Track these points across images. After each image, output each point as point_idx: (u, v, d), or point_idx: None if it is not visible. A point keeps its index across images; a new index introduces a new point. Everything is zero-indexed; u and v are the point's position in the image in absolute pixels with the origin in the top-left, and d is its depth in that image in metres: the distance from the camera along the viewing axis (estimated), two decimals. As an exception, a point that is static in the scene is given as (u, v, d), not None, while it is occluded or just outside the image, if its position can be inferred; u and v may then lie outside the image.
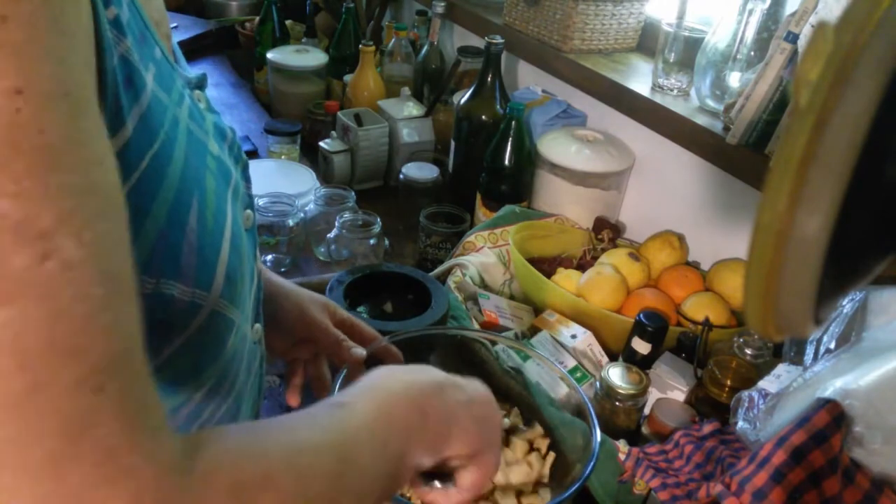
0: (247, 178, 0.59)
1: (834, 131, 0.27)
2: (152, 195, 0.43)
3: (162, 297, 0.44)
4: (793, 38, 0.91)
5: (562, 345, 0.94)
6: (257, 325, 0.69)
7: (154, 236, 0.43)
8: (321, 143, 1.39)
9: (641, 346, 0.91)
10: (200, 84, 0.55)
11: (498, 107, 1.25)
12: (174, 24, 1.90)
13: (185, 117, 0.48)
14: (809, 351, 0.79)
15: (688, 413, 0.84)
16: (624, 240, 1.19)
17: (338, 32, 1.65)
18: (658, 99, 1.13)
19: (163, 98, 0.45)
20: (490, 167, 1.20)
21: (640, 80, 1.19)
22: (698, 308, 0.98)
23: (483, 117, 1.25)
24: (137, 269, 0.34)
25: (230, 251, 0.49)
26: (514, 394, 0.80)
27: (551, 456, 0.72)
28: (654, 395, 0.88)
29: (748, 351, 0.88)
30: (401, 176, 1.30)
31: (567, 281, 1.05)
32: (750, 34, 1.02)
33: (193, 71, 0.56)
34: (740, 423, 0.74)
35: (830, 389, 0.65)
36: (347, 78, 1.56)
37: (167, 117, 0.45)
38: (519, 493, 0.69)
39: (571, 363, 0.91)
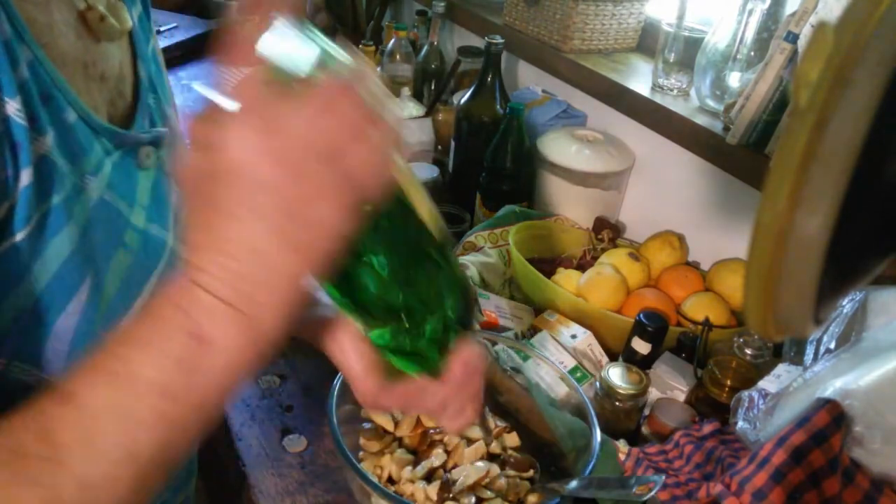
0: None
1: (834, 131, 0.27)
2: (16, 273, 0.41)
3: (8, 381, 0.41)
4: (793, 38, 0.91)
5: (562, 345, 0.94)
6: None
7: (9, 319, 0.40)
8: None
9: (641, 346, 0.91)
10: (155, 142, 0.51)
11: (498, 107, 1.25)
12: (174, 25, 1.90)
13: (100, 184, 0.45)
14: (809, 351, 0.79)
15: (688, 413, 0.84)
16: (624, 240, 1.19)
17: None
18: (658, 99, 1.12)
19: (63, 167, 0.42)
20: (490, 167, 1.20)
21: (640, 80, 1.19)
22: (698, 308, 0.98)
23: (483, 117, 1.25)
24: None
25: None
26: (514, 394, 0.80)
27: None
28: (654, 395, 0.88)
29: (748, 351, 0.88)
30: (401, 176, 1.29)
31: (567, 281, 1.05)
32: (750, 34, 1.02)
33: (151, 129, 0.51)
34: (740, 423, 0.74)
35: (830, 389, 0.65)
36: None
37: (64, 189, 0.42)
38: (518, 493, 0.70)
39: (571, 363, 0.91)
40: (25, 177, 0.39)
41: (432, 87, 1.55)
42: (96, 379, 0.33)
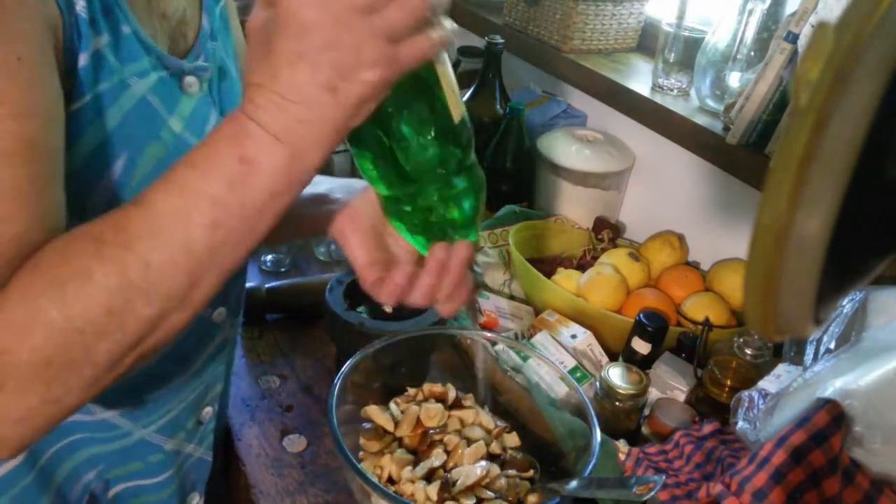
0: None
1: (834, 131, 0.27)
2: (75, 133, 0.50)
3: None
4: (793, 38, 0.91)
5: (562, 345, 0.94)
6: (221, 309, 0.70)
7: (70, 169, 0.49)
8: (321, 143, 1.39)
9: (641, 346, 0.91)
10: (195, 72, 0.60)
11: (498, 107, 1.25)
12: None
13: (143, 87, 0.54)
14: (809, 351, 0.79)
15: (688, 413, 0.84)
16: (624, 240, 1.19)
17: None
18: (658, 99, 1.12)
19: (112, 63, 0.52)
20: (490, 167, 1.20)
21: (640, 80, 1.19)
22: (698, 308, 0.98)
23: (483, 117, 1.25)
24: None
25: None
26: (514, 394, 0.80)
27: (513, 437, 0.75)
28: (654, 395, 0.88)
29: (748, 351, 0.88)
30: (401, 176, 1.29)
31: (567, 281, 1.05)
32: (750, 34, 1.02)
33: (201, 62, 0.61)
34: (740, 423, 0.74)
35: (830, 389, 0.65)
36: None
37: (112, 80, 0.52)
38: (518, 493, 0.70)
39: (571, 363, 0.91)
40: (83, 59, 0.49)
41: (432, 87, 1.55)
42: (165, 190, 0.42)
